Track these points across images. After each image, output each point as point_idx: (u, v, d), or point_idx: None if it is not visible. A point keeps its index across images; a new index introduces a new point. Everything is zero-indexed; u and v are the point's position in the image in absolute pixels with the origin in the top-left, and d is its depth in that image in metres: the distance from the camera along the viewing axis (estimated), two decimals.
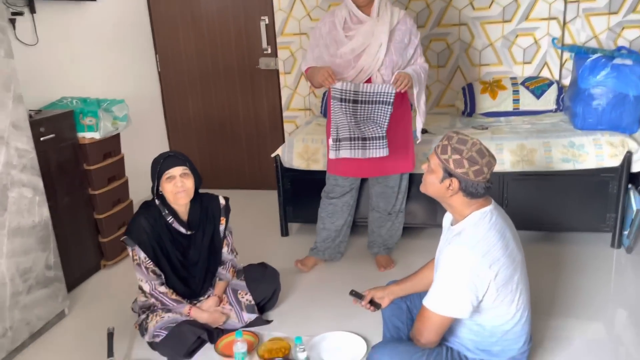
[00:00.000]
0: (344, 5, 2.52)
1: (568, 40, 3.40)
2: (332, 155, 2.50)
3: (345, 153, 2.47)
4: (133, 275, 2.29)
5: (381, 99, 2.40)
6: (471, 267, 1.59)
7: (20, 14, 2.79)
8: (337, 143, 2.47)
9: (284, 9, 3.74)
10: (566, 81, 3.44)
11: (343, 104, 2.40)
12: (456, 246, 1.63)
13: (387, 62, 2.47)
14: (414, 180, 2.84)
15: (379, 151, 2.46)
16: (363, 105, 2.42)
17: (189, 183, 2.19)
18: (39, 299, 2.33)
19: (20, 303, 2.23)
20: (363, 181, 2.84)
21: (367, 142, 2.45)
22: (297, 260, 2.85)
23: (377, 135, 2.44)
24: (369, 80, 2.48)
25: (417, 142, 2.69)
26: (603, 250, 2.88)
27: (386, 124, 2.43)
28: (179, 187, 2.16)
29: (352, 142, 2.45)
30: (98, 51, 3.46)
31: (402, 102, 2.56)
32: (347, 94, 2.39)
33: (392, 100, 2.39)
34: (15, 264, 2.20)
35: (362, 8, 2.48)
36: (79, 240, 2.81)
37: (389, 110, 2.41)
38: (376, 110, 2.42)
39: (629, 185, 2.77)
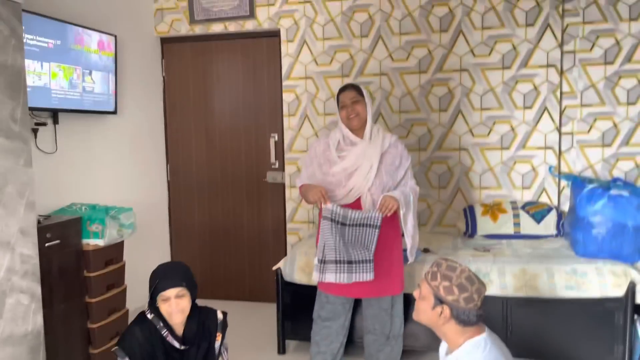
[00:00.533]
0: (338, 129, 2.68)
1: (564, 169, 3.53)
2: (315, 277, 2.51)
3: (330, 277, 2.47)
4: None
5: (368, 223, 2.47)
6: None
7: (44, 124, 2.96)
8: (322, 265, 2.49)
9: (293, 128, 3.95)
10: (565, 207, 3.52)
11: (332, 224, 2.47)
12: None
13: (377, 182, 2.56)
14: (413, 302, 2.80)
15: (365, 275, 2.47)
16: (351, 228, 2.49)
17: (184, 303, 2.17)
18: None
19: None
20: (357, 302, 2.80)
21: (353, 265, 2.47)
22: None
23: (364, 258, 2.47)
24: (358, 200, 2.56)
25: (408, 263, 2.69)
26: None
27: (373, 247, 2.48)
28: (172, 308, 2.14)
29: (338, 265, 2.47)
30: (113, 160, 3.60)
31: (392, 225, 2.60)
32: (337, 216, 2.47)
33: (379, 223, 2.46)
34: None
35: (355, 132, 2.62)
36: (68, 350, 2.72)
37: (376, 233, 2.47)
38: (364, 233, 2.48)
39: (635, 317, 2.72)
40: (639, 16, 3.34)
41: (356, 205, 2.57)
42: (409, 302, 2.78)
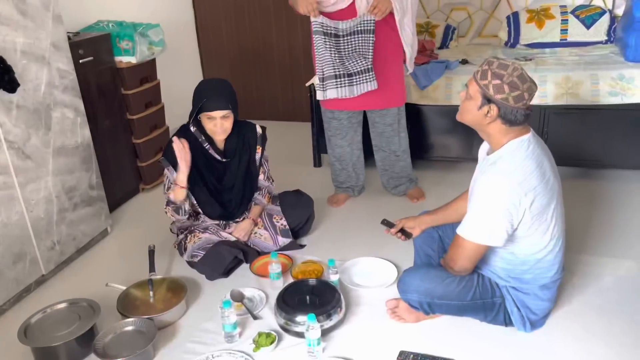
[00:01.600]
0: None
1: None
2: (319, 95, 2.48)
3: (331, 93, 2.44)
4: None
5: (362, 28, 2.34)
6: (507, 195, 1.57)
7: None
8: (323, 82, 2.43)
9: None
10: (620, 11, 3.23)
11: (326, 37, 2.36)
12: (492, 174, 1.62)
13: None
14: (445, 113, 2.81)
15: (367, 85, 2.42)
16: (345, 38, 2.38)
17: (228, 124, 2.21)
18: (83, 216, 2.44)
19: (67, 219, 2.34)
20: (365, 119, 2.75)
21: (354, 77, 2.41)
22: (329, 201, 2.85)
23: (363, 68, 2.39)
24: (352, 4, 2.39)
25: (407, 73, 2.59)
26: None
27: (370, 54, 2.38)
28: (217, 128, 2.18)
29: (338, 80, 2.41)
30: None
31: (389, 36, 2.45)
32: (329, 29, 2.35)
33: (372, 27, 2.34)
34: (61, 182, 2.29)
35: None
36: (118, 163, 2.89)
37: (371, 39, 2.36)
38: (359, 41, 2.37)
39: None
40: None
41: (350, 9, 2.39)
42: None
